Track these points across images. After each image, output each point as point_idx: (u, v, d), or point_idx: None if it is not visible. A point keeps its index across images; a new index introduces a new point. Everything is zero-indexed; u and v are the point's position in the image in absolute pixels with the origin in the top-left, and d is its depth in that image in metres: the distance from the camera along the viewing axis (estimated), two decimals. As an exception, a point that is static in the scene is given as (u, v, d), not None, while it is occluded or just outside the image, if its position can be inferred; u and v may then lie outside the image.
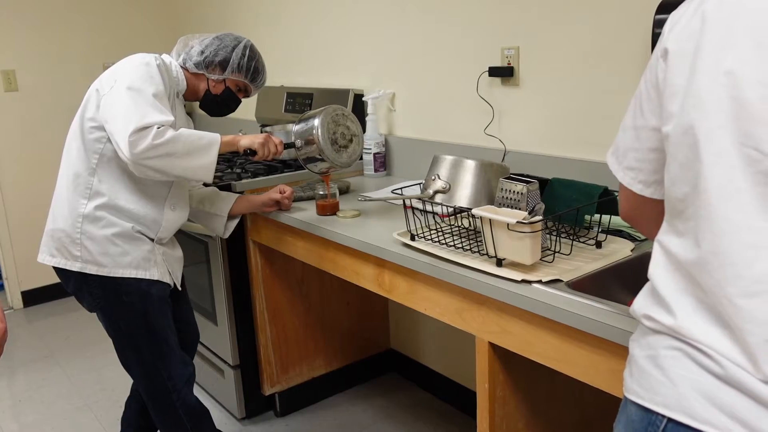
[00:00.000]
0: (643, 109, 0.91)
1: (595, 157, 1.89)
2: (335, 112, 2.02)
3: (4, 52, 3.64)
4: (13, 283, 3.84)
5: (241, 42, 1.97)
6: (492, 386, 1.50)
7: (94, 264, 1.78)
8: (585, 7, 1.86)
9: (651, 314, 0.87)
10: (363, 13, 2.66)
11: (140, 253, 1.82)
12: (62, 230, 1.79)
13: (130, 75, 1.71)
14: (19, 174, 3.77)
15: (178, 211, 1.92)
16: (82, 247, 1.78)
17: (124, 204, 1.79)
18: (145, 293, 1.82)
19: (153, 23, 4.13)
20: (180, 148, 1.68)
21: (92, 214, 1.78)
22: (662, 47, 0.88)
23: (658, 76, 0.88)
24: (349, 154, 2.02)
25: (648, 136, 0.91)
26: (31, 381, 3.02)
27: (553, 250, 1.52)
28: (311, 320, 2.62)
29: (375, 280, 1.81)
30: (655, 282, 0.88)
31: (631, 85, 1.78)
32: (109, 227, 1.78)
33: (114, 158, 1.77)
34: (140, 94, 1.67)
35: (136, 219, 1.81)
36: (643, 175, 0.95)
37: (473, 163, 1.63)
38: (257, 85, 2.03)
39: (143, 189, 1.82)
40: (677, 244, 0.85)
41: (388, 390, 2.78)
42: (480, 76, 2.18)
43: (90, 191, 1.78)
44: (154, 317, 1.84)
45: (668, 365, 0.83)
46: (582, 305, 1.26)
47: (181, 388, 1.89)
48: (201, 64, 1.92)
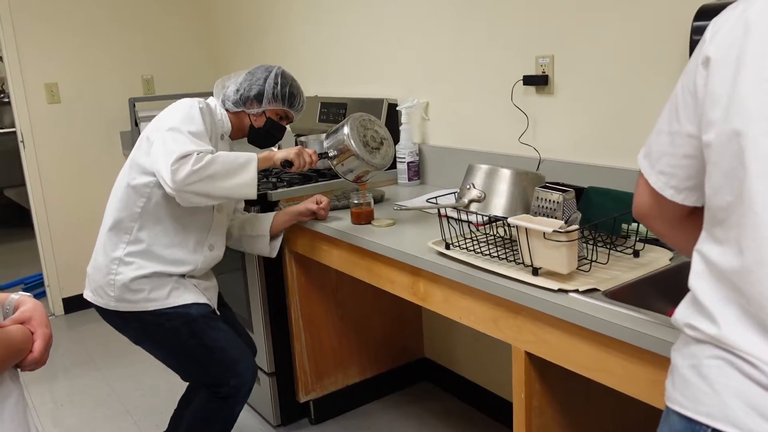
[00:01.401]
0: (679, 114, 0.91)
1: (632, 165, 1.87)
2: (362, 118, 2.06)
3: (48, 66, 3.75)
4: (55, 290, 3.94)
5: (272, 71, 2.01)
6: (528, 396, 1.49)
7: (128, 302, 1.88)
8: (620, 14, 1.84)
9: (693, 323, 0.86)
10: (397, 23, 2.68)
11: (171, 285, 1.91)
12: (99, 271, 1.90)
13: (173, 117, 1.83)
14: (62, 183, 3.88)
15: (216, 251, 2.02)
16: (116, 288, 1.87)
17: (160, 251, 1.90)
18: (185, 315, 1.91)
19: (191, 36, 4.21)
20: (219, 170, 1.75)
21: (127, 258, 1.88)
22: (703, 54, 0.87)
23: (697, 83, 0.87)
24: (382, 155, 2.04)
25: (683, 142, 0.90)
26: (71, 386, 3.09)
27: (589, 259, 1.51)
28: (346, 328, 2.64)
29: (409, 289, 1.81)
30: (697, 292, 0.87)
31: (667, 92, 1.76)
32: (141, 269, 1.87)
33: (159, 204, 1.87)
34: (180, 131, 1.78)
35: (171, 262, 1.91)
36: (675, 181, 0.94)
37: (508, 171, 1.63)
38: (296, 108, 2.07)
39: (184, 235, 1.92)
40: (718, 253, 0.84)
41: (421, 399, 2.77)
42: (514, 84, 2.18)
43: (129, 237, 1.89)
44: (203, 334, 1.92)
45: (712, 375, 0.82)
46: (620, 314, 1.25)
47: (236, 394, 1.96)
48: (239, 102, 2.00)
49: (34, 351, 1.06)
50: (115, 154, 4.00)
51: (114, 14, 3.92)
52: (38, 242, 3.87)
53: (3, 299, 1.12)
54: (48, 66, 3.75)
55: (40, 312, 1.11)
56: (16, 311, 1.10)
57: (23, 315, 1.08)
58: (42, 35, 3.71)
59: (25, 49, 3.67)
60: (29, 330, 1.07)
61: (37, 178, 3.80)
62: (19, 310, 1.09)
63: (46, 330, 1.09)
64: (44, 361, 1.10)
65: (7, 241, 5.52)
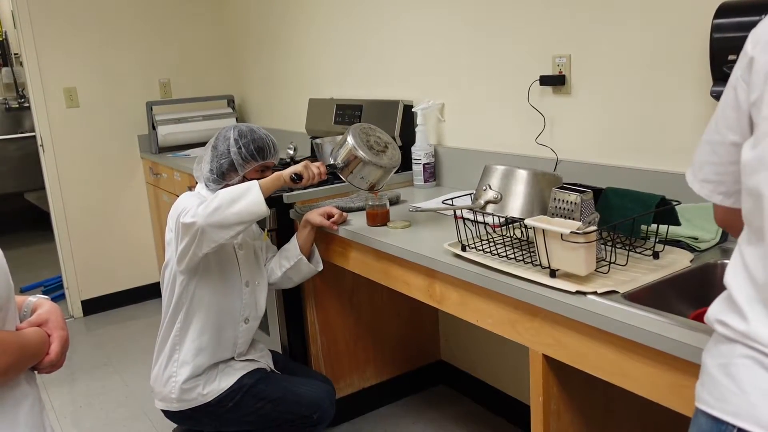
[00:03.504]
0: (719, 126, 0.93)
1: (651, 165, 1.85)
2: (362, 126, 2.07)
3: (67, 71, 3.79)
4: (74, 292, 3.97)
5: (230, 137, 2.00)
6: (546, 399, 1.48)
7: (187, 401, 1.98)
8: (637, 13, 1.82)
9: (724, 319, 0.86)
10: (412, 25, 2.67)
11: (219, 371, 2.02)
12: (157, 383, 2.03)
13: (180, 209, 1.91)
14: (81, 186, 3.91)
15: (252, 321, 2.08)
16: (175, 390, 1.98)
17: (204, 348, 1.99)
18: (241, 387, 2.00)
19: (208, 40, 4.23)
20: (222, 199, 1.80)
21: (179, 369, 1.98)
22: (743, 66, 0.88)
23: (739, 97, 0.89)
24: (389, 156, 2.03)
25: (727, 150, 0.93)
26: (90, 388, 3.11)
27: (608, 261, 1.49)
28: (361, 331, 2.63)
29: (426, 291, 1.80)
30: (731, 288, 0.87)
31: (687, 91, 1.74)
32: (192, 370, 1.97)
33: (197, 296, 1.97)
34: (185, 209, 1.85)
35: (214, 355, 2.01)
36: (723, 187, 0.95)
37: (525, 172, 1.62)
38: (270, 157, 2.04)
39: (219, 322, 2.00)
40: (751, 251, 0.85)
41: (438, 402, 2.76)
42: (531, 85, 2.16)
43: (179, 355, 2.00)
44: (267, 393, 2.01)
45: (740, 374, 0.82)
46: (639, 317, 1.23)
47: (321, 422, 2.06)
48: (218, 180, 2.02)
49: (50, 353, 1.06)
50: (133, 158, 4.04)
51: (131, 20, 3.95)
52: (57, 245, 3.91)
53: (21, 302, 1.12)
54: (67, 71, 3.79)
55: (57, 314, 1.11)
56: (34, 314, 1.10)
57: (40, 317, 1.09)
58: (61, 41, 3.75)
59: (45, 55, 3.71)
60: (46, 332, 1.08)
61: (56, 181, 3.84)
62: (36, 313, 1.10)
63: (63, 332, 1.10)
64: (61, 364, 1.10)
65: (27, 243, 5.58)
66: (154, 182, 3.91)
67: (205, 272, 1.98)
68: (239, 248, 2.05)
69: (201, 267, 1.96)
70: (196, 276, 1.97)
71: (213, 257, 1.95)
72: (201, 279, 1.97)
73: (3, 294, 0.99)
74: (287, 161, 2.95)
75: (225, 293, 2.02)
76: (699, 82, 1.70)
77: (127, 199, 4.07)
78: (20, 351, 1.00)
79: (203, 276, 1.97)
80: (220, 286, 2.01)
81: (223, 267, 2.01)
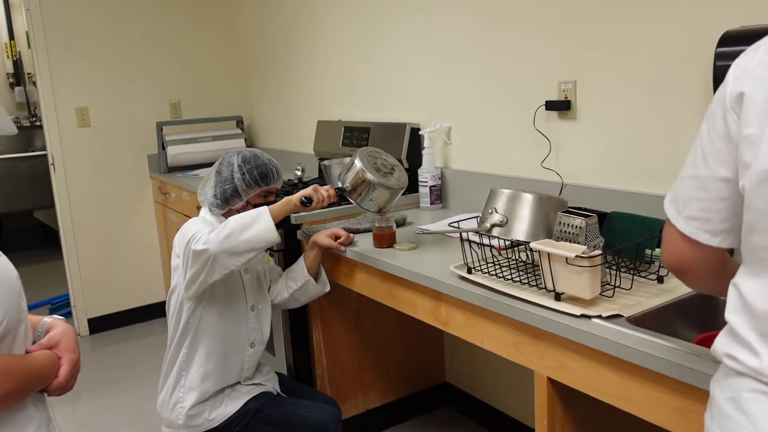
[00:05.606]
0: (707, 159, 0.88)
1: (655, 190, 1.86)
2: (368, 150, 2.08)
3: (79, 90, 3.85)
4: (81, 310, 3.99)
5: (233, 163, 2.00)
6: (551, 422, 1.48)
7: (194, 427, 1.99)
8: (643, 40, 1.85)
9: (734, 354, 0.85)
10: (420, 48, 2.71)
11: (225, 396, 2.02)
12: (164, 408, 2.03)
13: (187, 235, 1.91)
14: (90, 205, 3.95)
15: (258, 345, 2.09)
16: (182, 417, 2.00)
17: (211, 373, 2.00)
18: (247, 412, 2.00)
19: (218, 62, 4.29)
20: (233, 226, 1.82)
21: (185, 395, 1.99)
22: (733, 93, 0.85)
23: (729, 127, 0.85)
24: (396, 178, 2.05)
25: (717, 186, 0.88)
26: (95, 406, 3.12)
27: (613, 285, 1.50)
28: (367, 352, 2.63)
29: (431, 313, 1.81)
30: (734, 325, 0.86)
31: (691, 117, 1.76)
32: (198, 396, 1.99)
33: (203, 321, 1.98)
34: (195, 236, 1.86)
35: (220, 380, 2.01)
36: (710, 225, 0.91)
37: (531, 196, 1.63)
38: (273, 182, 2.06)
39: (226, 348, 2.01)
40: (753, 288, 0.84)
41: (443, 424, 2.75)
42: (537, 109, 2.18)
43: (186, 380, 2.00)
44: (273, 416, 2.01)
45: (752, 408, 0.81)
46: (644, 341, 1.24)
47: None
48: (222, 205, 2.03)
49: (59, 376, 1.05)
50: (142, 177, 4.08)
51: (143, 41, 4.01)
52: (65, 263, 3.94)
53: (35, 322, 1.10)
54: (79, 91, 3.85)
55: (69, 337, 1.09)
56: (46, 335, 1.09)
57: (51, 340, 1.07)
58: (73, 62, 3.81)
59: (58, 75, 3.77)
60: (56, 355, 1.06)
61: (66, 199, 3.88)
62: (48, 335, 1.08)
63: (74, 355, 1.08)
64: (70, 387, 1.07)
65: (36, 261, 5.61)
66: (162, 201, 3.94)
67: (212, 298, 1.98)
68: (245, 272, 2.06)
69: (207, 292, 1.96)
70: (203, 302, 1.97)
71: (220, 283, 1.95)
72: (207, 305, 1.98)
73: (13, 317, 0.97)
74: (295, 182, 2.98)
75: (231, 318, 2.02)
76: (702, 109, 1.72)
77: (136, 218, 4.11)
78: (24, 376, 0.98)
79: (210, 301, 1.98)
80: (227, 311, 2.01)
81: (230, 292, 2.02)
